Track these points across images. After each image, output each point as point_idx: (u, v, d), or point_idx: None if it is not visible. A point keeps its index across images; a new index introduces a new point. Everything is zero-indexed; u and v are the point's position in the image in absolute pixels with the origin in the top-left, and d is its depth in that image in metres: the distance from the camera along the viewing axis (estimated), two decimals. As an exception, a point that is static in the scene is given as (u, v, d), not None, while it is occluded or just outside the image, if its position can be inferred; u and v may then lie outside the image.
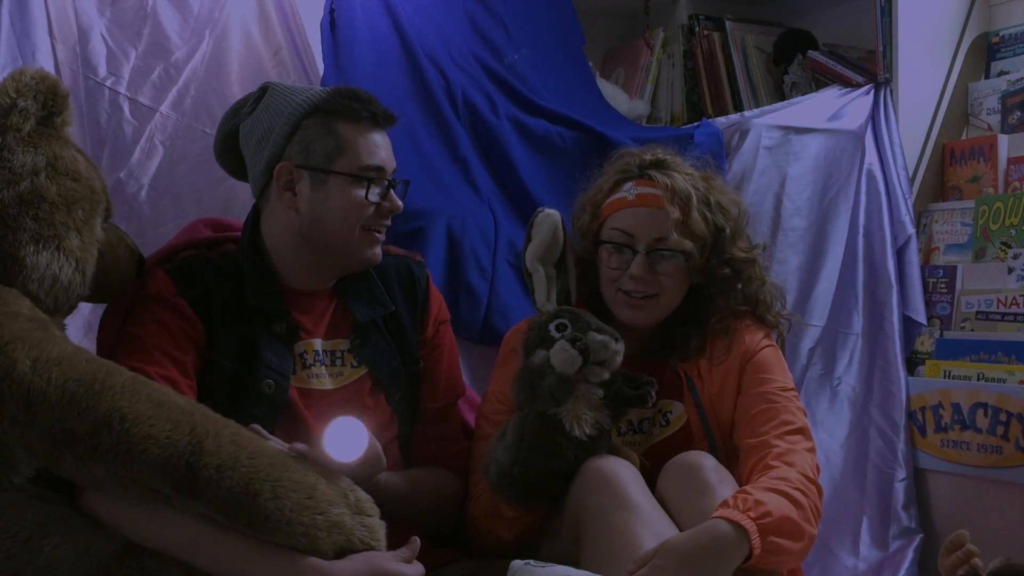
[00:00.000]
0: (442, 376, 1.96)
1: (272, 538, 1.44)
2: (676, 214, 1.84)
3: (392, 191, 1.81)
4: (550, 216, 1.83)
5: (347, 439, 1.56)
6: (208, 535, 1.46)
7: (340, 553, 1.46)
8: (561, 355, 1.71)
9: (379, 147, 1.79)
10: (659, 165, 1.91)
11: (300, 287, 1.82)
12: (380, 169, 1.78)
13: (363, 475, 1.62)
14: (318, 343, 1.82)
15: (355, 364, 1.84)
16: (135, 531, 1.48)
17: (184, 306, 1.73)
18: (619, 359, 1.75)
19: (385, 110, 1.81)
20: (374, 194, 1.77)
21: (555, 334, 1.74)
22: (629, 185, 1.90)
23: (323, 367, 1.82)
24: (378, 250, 1.82)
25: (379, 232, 1.81)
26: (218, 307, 1.76)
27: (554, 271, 1.83)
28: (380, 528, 1.52)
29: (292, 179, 1.77)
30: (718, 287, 1.90)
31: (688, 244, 1.84)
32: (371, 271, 1.87)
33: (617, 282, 1.87)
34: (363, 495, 1.53)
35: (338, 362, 1.83)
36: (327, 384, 1.81)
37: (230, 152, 1.86)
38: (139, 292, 1.75)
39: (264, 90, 1.82)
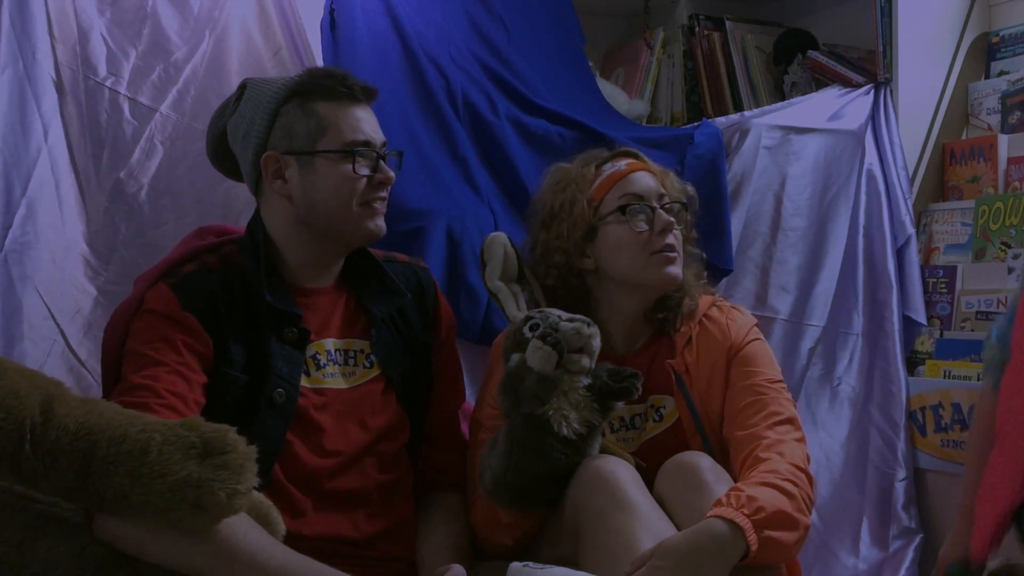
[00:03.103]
0: (451, 380, 1.96)
1: (124, 517, 1.40)
2: (661, 174, 1.96)
3: (382, 162, 1.79)
4: (497, 238, 1.88)
5: None
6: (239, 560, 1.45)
7: (204, 508, 1.39)
8: (536, 354, 1.71)
9: (361, 121, 1.78)
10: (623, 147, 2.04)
11: (305, 283, 1.81)
12: (366, 143, 1.77)
13: None
14: (330, 343, 1.81)
15: (367, 365, 1.83)
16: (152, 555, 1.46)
17: (191, 321, 1.69)
18: (596, 343, 1.75)
19: (363, 84, 1.80)
20: (362, 167, 1.76)
21: (528, 334, 1.74)
22: (609, 164, 1.96)
23: (336, 366, 1.81)
24: (380, 222, 1.80)
25: (377, 204, 1.79)
26: (227, 318, 1.73)
27: (517, 287, 1.86)
28: (246, 459, 1.42)
29: (280, 167, 1.76)
30: (688, 253, 1.98)
31: (687, 193, 1.98)
32: (380, 264, 1.87)
33: (649, 244, 1.88)
34: (209, 428, 1.43)
35: (351, 362, 1.82)
36: (341, 384, 1.80)
37: (223, 154, 1.86)
38: (140, 306, 1.72)
39: (243, 87, 1.82)
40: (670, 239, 1.88)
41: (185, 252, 1.81)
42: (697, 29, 2.94)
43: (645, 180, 1.92)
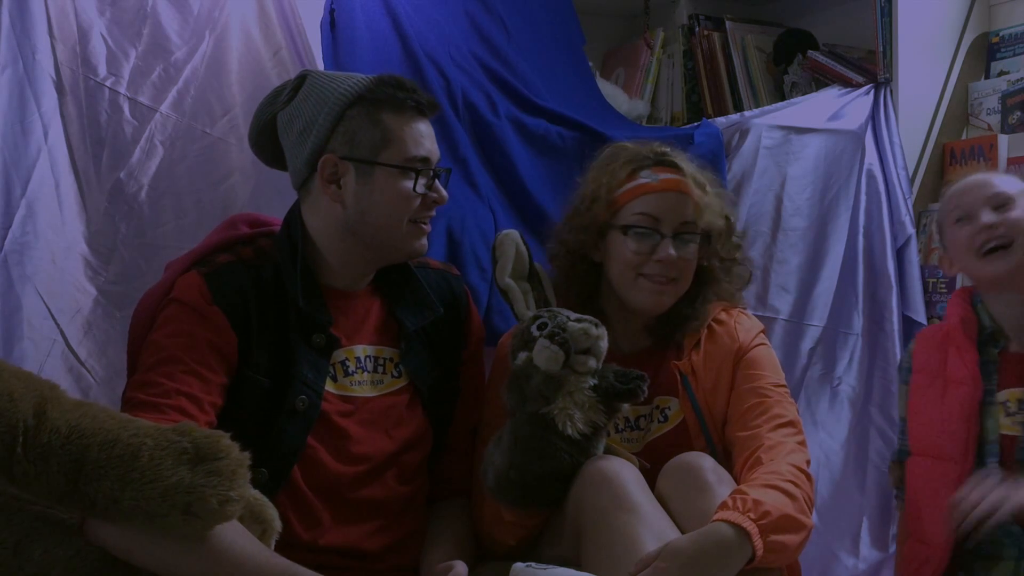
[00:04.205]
0: (476, 392, 1.94)
1: (114, 522, 1.39)
2: (698, 197, 1.90)
3: (437, 181, 1.78)
4: (509, 235, 1.87)
5: None
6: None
7: (195, 515, 1.38)
8: (543, 353, 1.71)
9: (424, 137, 1.76)
10: (670, 153, 1.96)
11: (339, 285, 1.79)
12: (426, 159, 1.76)
13: None
14: (360, 349, 1.79)
15: (395, 374, 1.82)
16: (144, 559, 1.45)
17: (219, 317, 1.67)
18: (603, 344, 1.75)
19: (429, 99, 1.78)
20: (420, 185, 1.75)
21: (536, 333, 1.74)
22: (647, 172, 1.92)
23: (366, 374, 1.78)
24: (424, 241, 1.79)
25: (425, 224, 1.78)
26: (255, 319, 1.70)
27: (527, 285, 1.86)
28: (238, 466, 1.41)
29: (337, 171, 1.73)
30: (724, 270, 1.97)
31: (715, 225, 1.92)
32: (415, 274, 1.85)
33: (639, 267, 1.88)
34: (201, 434, 1.42)
35: (380, 369, 1.80)
36: (369, 391, 1.78)
37: (267, 141, 1.83)
38: (168, 293, 1.70)
39: (303, 78, 1.78)
40: (653, 268, 1.87)
41: (219, 241, 1.78)
42: (697, 29, 2.93)
43: (670, 202, 1.89)
